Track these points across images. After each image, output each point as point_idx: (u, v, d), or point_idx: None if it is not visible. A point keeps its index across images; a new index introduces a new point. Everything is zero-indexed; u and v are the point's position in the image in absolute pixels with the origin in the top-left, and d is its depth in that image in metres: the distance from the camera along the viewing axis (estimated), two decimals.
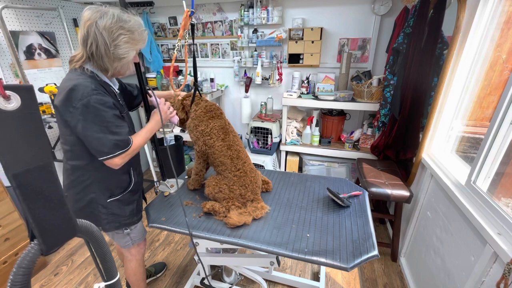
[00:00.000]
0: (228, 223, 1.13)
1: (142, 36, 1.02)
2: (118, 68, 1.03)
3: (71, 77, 0.97)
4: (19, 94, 0.48)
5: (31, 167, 0.51)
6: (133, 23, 0.98)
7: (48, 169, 0.54)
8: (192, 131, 1.32)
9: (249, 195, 1.24)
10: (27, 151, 0.51)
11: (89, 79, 0.96)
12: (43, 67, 2.20)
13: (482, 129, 1.37)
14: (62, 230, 0.58)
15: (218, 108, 1.33)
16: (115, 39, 0.94)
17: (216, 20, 2.69)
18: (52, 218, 0.55)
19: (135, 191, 1.22)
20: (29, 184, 0.51)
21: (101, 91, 0.97)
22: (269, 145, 2.60)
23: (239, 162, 1.25)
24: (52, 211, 0.55)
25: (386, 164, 1.99)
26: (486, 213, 1.06)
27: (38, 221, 0.53)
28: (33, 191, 0.52)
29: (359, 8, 2.28)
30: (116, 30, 0.94)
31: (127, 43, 0.97)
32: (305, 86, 2.48)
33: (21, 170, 0.50)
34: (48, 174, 0.54)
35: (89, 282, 1.78)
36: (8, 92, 0.47)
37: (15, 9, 1.97)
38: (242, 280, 1.76)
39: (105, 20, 0.92)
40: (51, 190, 0.55)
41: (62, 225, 0.58)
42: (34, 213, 0.52)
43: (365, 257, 0.98)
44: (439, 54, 1.58)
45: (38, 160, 0.52)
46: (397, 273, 1.80)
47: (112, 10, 0.95)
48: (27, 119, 0.50)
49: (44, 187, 0.54)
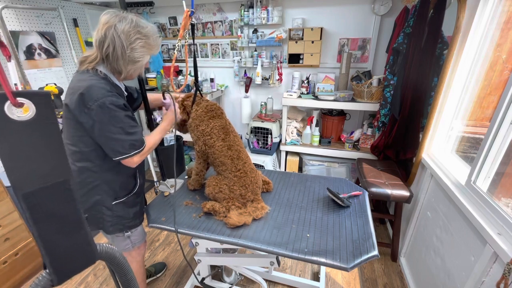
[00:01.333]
0: (228, 223, 1.13)
1: (157, 42, 1.07)
2: (131, 72, 1.06)
3: (84, 77, 0.98)
4: (34, 102, 0.41)
5: (47, 185, 0.44)
6: (150, 29, 1.02)
7: (66, 186, 0.46)
8: (192, 130, 1.32)
9: (249, 195, 1.24)
10: (43, 167, 0.43)
11: (102, 81, 0.99)
12: (43, 67, 2.20)
13: (482, 129, 1.37)
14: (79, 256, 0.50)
15: (218, 108, 1.33)
16: (132, 42, 0.98)
17: (216, 20, 2.69)
18: (67, 244, 0.48)
19: (139, 194, 1.24)
20: (43, 204, 0.44)
21: (115, 93, 0.99)
22: (269, 145, 2.60)
23: (240, 162, 1.24)
24: (67, 236, 0.47)
25: (386, 164, 1.99)
26: (486, 213, 1.06)
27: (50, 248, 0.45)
28: (47, 213, 0.44)
29: (359, 8, 2.28)
30: (134, 34, 0.98)
31: (143, 48, 1.01)
32: (305, 86, 2.48)
33: (34, 189, 0.43)
34: (66, 192, 0.46)
35: (89, 282, 1.78)
36: (21, 100, 0.40)
37: (15, 9, 1.97)
38: (242, 280, 1.76)
39: (124, 24, 0.96)
40: (67, 211, 0.47)
41: (79, 251, 0.49)
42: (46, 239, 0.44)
43: (365, 257, 0.98)
44: (439, 54, 1.58)
45: (55, 177, 0.45)
46: (397, 273, 1.80)
47: (131, 16, 0.99)
48: (43, 130, 0.43)
49: (61, 208, 0.46)
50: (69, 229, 0.48)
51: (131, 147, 1.00)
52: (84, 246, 0.50)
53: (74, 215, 0.48)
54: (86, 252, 0.50)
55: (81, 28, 2.48)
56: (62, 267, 0.47)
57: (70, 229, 0.48)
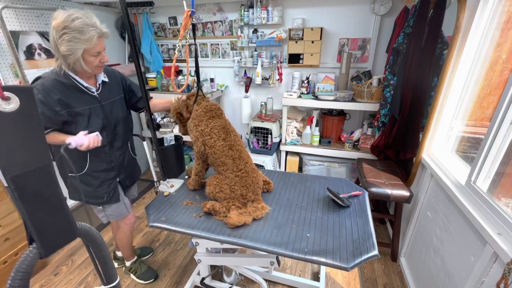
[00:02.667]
0: (228, 223, 1.13)
1: (89, 35, 1.07)
2: (72, 65, 1.12)
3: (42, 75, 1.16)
4: (18, 95, 0.48)
5: (30, 169, 0.50)
6: (78, 23, 1.05)
7: (47, 171, 0.53)
8: (191, 131, 1.32)
9: (250, 195, 1.24)
10: (26, 153, 0.50)
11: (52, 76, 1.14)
12: (43, 67, 2.20)
13: (482, 129, 1.37)
14: (61, 233, 0.57)
15: (218, 108, 1.33)
16: (60, 37, 1.04)
17: (216, 20, 2.69)
18: (51, 221, 0.54)
19: (95, 177, 1.35)
20: (28, 186, 0.50)
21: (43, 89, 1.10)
22: (269, 145, 2.60)
23: (241, 162, 1.24)
24: (51, 214, 0.54)
25: (386, 164, 1.99)
26: (486, 213, 1.06)
27: (37, 224, 0.52)
28: (32, 194, 0.51)
29: (359, 8, 2.28)
30: (61, 29, 1.03)
31: (71, 42, 1.05)
32: (305, 86, 2.48)
33: (19, 172, 0.49)
34: (48, 176, 0.53)
35: (89, 282, 1.78)
36: (7, 93, 0.46)
37: (15, 9, 1.97)
38: (242, 280, 1.76)
39: (55, 21, 1.04)
40: (50, 192, 0.54)
41: (61, 228, 0.57)
42: (32, 216, 0.51)
43: (365, 257, 0.98)
44: (439, 54, 1.58)
45: (38, 162, 0.51)
46: (397, 273, 1.80)
47: (70, 12, 1.05)
48: (26, 121, 0.49)
49: (43, 190, 0.53)
50: (52, 208, 0.55)
51: None
52: (66, 224, 0.57)
53: (56, 196, 0.55)
54: (68, 229, 0.58)
55: None
56: (49, 242, 0.54)
57: (53, 208, 0.55)
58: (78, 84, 1.19)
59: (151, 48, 2.88)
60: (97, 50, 1.13)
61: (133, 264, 1.79)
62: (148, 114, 1.34)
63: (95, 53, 1.13)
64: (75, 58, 1.09)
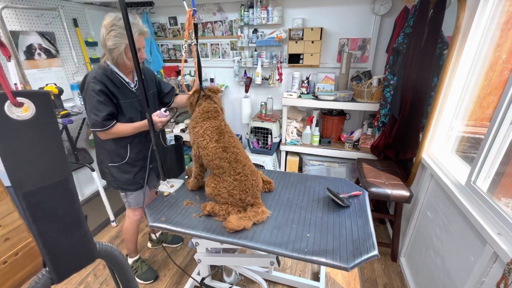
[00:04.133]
0: (227, 228, 1.11)
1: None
2: (116, 59, 1.26)
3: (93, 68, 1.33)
4: (33, 101, 0.42)
5: (46, 184, 0.44)
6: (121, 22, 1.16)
7: (66, 186, 0.47)
8: (190, 132, 1.32)
9: (249, 200, 1.20)
10: (42, 166, 0.43)
11: (100, 70, 1.27)
12: (43, 67, 2.20)
13: (482, 129, 1.37)
14: (78, 255, 0.50)
15: (215, 110, 1.30)
16: (108, 33, 1.20)
17: (216, 20, 2.69)
18: (67, 242, 0.48)
19: (133, 165, 1.47)
20: (43, 203, 0.44)
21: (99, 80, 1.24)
22: (269, 145, 2.60)
23: (238, 165, 1.20)
24: (67, 234, 0.47)
25: (386, 164, 1.99)
26: (486, 213, 1.06)
27: (50, 247, 0.46)
28: (46, 212, 0.44)
29: (359, 8, 2.28)
30: (110, 26, 1.19)
31: (116, 37, 1.20)
32: (305, 86, 2.48)
33: (33, 188, 0.43)
34: (65, 191, 0.47)
35: (89, 282, 1.78)
36: (20, 99, 0.40)
37: (15, 9, 1.97)
38: (242, 280, 1.76)
39: (106, 20, 1.21)
40: (67, 209, 0.47)
41: (78, 249, 0.50)
42: (45, 237, 0.45)
43: (365, 257, 0.98)
44: (439, 54, 1.58)
45: (55, 176, 0.45)
46: (397, 273, 1.80)
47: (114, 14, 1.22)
48: (42, 130, 0.43)
49: (59, 207, 0.46)
50: (69, 227, 0.48)
51: (93, 125, 1.27)
52: (84, 245, 0.50)
53: (73, 214, 0.48)
54: (85, 250, 0.51)
55: (81, 28, 2.48)
56: (62, 266, 0.48)
57: (70, 227, 0.48)
58: (121, 78, 1.33)
59: (151, 48, 2.88)
60: (138, 46, 1.24)
61: (135, 263, 1.80)
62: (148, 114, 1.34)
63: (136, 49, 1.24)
64: (119, 52, 1.23)
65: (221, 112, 1.36)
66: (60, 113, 1.88)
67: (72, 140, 2.17)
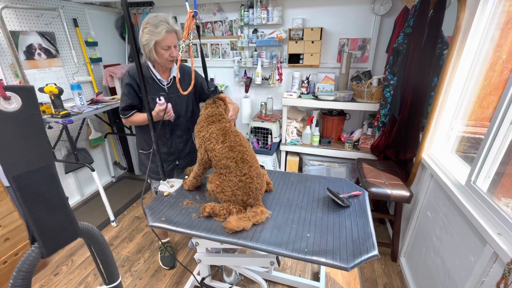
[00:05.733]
0: (227, 228, 1.10)
1: (161, 28, 1.29)
2: (148, 55, 1.36)
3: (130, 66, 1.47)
4: (20, 95, 0.48)
5: (33, 169, 0.50)
6: (155, 19, 1.30)
7: (50, 170, 0.53)
8: (196, 137, 1.32)
9: (250, 201, 1.20)
10: (28, 153, 0.50)
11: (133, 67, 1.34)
12: (43, 67, 2.20)
13: (482, 129, 1.37)
14: (63, 232, 0.57)
15: (220, 113, 1.31)
16: (143, 29, 1.31)
17: (216, 20, 2.69)
18: (53, 221, 0.54)
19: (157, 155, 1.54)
20: (30, 186, 0.50)
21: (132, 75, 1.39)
22: (269, 145, 2.60)
23: (245, 166, 1.18)
24: (53, 214, 0.54)
25: (386, 164, 1.99)
26: (486, 213, 1.06)
27: (39, 224, 0.52)
28: (34, 193, 0.51)
29: (359, 8, 2.28)
30: (145, 24, 1.30)
31: (147, 34, 1.30)
32: (305, 86, 2.48)
33: (21, 172, 0.49)
34: (50, 175, 0.53)
35: (89, 282, 1.78)
36: (9, 93, 0.46)
37: (15, 9, 1.97)
38: (242, 280, 1.76)
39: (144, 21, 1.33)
40: (52, 192, 0.54)
41: (63, 227, 0.57)
42: (34, 215, 0.51)
43: (365, 257, 0.98)
44: (439, 54, 1.58)
45: (40, 162, 0.51)
46: (397, 273, 1.80)
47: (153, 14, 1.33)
48: (28, 120, 0.49)
49: (45, 189, 0.53)
50: (54, 208, 0.55)
51: (119, 112, 1.45)
52: (68, 223, 0.58)
53: (58, 196, 0.55)
54: (69, 228, 0.58)
55: (81, 28, 2.48)
56: (50, 242, 0.54)
57: (55, 208, 0.55)
58: (153, 75, 1.44)
59: None
60: (167, 43, 1.33)
61: (163, 245, 1.96)
62: (148, 114, 1.34)
63: (165, 46, 1.34)
64: (149, 48, 1.32)
65: (226, 115, 1.36)
66: (60, 113, 1.88)
67: (72, 140, 2.17)
